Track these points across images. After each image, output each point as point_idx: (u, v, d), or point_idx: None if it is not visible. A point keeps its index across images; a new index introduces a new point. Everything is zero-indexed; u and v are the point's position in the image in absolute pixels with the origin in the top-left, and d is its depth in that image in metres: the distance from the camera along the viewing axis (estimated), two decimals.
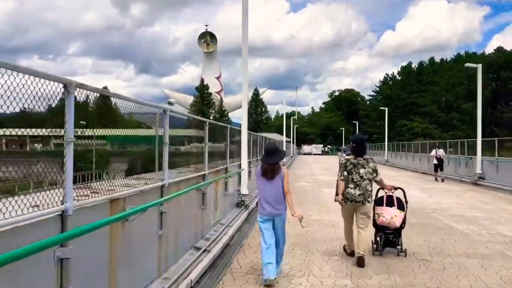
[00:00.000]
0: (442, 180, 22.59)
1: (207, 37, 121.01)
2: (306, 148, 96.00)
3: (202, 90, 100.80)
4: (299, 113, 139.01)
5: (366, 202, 6.53)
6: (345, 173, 6.58)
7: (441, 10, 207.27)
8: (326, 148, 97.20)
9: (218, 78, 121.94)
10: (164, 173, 5.35)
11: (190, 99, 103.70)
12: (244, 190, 10.94)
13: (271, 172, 5.76)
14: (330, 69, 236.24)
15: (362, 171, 6.51)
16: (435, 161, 23.43)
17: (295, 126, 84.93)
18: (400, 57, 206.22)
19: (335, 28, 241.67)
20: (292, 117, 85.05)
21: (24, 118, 3.26)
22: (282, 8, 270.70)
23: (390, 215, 6.73)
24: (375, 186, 6.93)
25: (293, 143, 71.28)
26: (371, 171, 6.57)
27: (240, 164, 11.15)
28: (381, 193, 7.16)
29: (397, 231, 6.87)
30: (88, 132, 4.55)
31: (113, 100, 4.45)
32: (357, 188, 6.48)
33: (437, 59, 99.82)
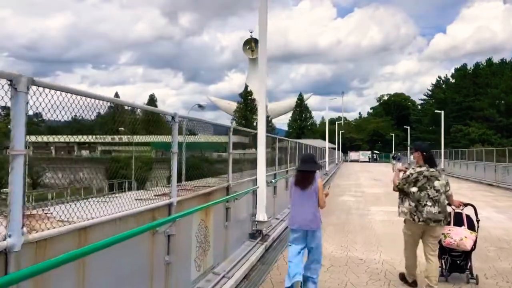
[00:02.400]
0: None
1: (252, 44, 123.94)
2: (353, 155, 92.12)
3: (246, 96, 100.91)
4: (345, 118, 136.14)
5: (444, 221, 5.66)
6: (413, 189, 5.62)
7: (496, 11, 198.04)
8: (374, 155, 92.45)
9: None
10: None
11: (234, 105, 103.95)
12: (261, 215, 8.10)
13: (303, 181, 5.57)
14: (378, 74, 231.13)
15: (437, 184, 5.64)
16: None
17: (340, 131, 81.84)
18: (451, 61, 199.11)
19: (383, 32, 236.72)
20: (337, 122, 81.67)
21: None
22: (329, 13, 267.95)
23: (459, 236, 5.90)
24: None
25: (338, 149, 67.87)
26: (445, 183, 5.73)
27: (256, 179, 8.27)
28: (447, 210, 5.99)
29: (466, 254, 6.05)
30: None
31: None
32: (436, 205, 5.56)
33: (495, 60, 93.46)
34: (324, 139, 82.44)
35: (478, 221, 6.26)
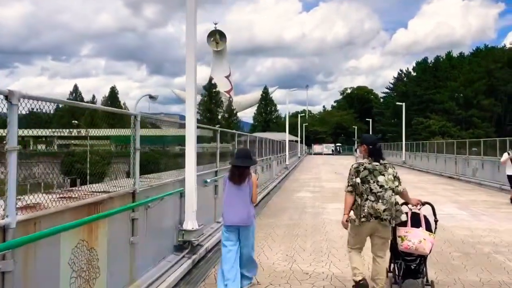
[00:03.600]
0: None
1: (216, 36, 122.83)
2: (316, 147, 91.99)
3: (210, 89, 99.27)
4: (310, 112, 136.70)
5: (394, 221, 5.16)
6: (357, 180, 5.19)
7: (455, 7, 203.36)
8: (338, 148, 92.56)
9: (227, 77, 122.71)
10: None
11: (199, 98, 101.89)
12: (189, 223, 6.74)
13: (239, 176, 5.48)
14: (342, 68, 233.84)
15: (381, 178, 5.17)
16: (510, 171, 14.53)
17: (304, 124, 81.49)
18: (413, 55, 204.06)
19: (347, 27, 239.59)
20: (299, 115, 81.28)
21: None
22: (294, 7, 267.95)
23: (418, 239, 5.30)
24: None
25: (301, 142, 67.27)
26: (392, 178, 5.23)
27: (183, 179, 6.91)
28: (404, 209, 5.51)
29: (421, 258, 5.47)
30: None
31: None
32: (380, 201, 5.07)
33: (455, 54, 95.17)
34: (289, 132, 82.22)
35: (436, 221, 5.69)
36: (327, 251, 7.74)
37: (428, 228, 5.46)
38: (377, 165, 5.22)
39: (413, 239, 5.25)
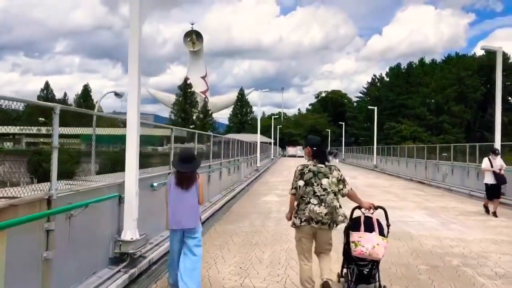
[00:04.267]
0: (495, 214, 12.52)
1: (193, 36, 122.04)
2: (291, 150, 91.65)
3: (185, 89, 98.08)
4: (285, 114, 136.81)
5: (334, 225, 5.03)
6: (300, 183, 5.04)
7: (428, 15, 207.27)
8: None
9: (204, 77, 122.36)
10: None
11: (173, 98, 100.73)
12: (129, 232, 5.98)
13: (188, 181, 5.23)
14: (318, 72, 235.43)
15: (324, 181, 5.01)
16: (489, 180, 12.85)
17: (278, 126, 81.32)
18: (387, 61, 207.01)
19: (323, 32, 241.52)
20: (273, 117, 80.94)
21: None
22: (272, 10, 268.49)
23: (372, 244, 5.12)
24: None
25: (275, 144, 66.85)
26: (335, 181, 5.08)
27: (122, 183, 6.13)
28: (356, 213, 5.51)
29: (374, 263, 5.31)
30: None
31: None
32: (322, 204, 4.91)
33: (427, 61, 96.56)
34: (263, 134, 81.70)
35: (388, 225, 5.56)
36: (285, 263, 7.08)
37: (381, 232, 5.33)
38: (322, 167, 5.10)
39: (367, 244, 5.14)
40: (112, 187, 5.93)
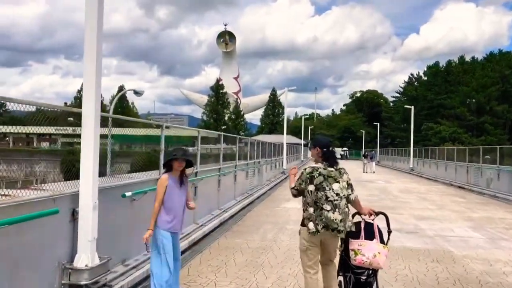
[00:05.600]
0: None
1: (226, 37, 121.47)
2: None
3: (217, 90, 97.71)
4: (318, 115, 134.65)
5: (346, 231, 4.70)
6: (310, 188, 4.67)
7: (468, 13, 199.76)
8: (345, 152, 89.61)
9: (236, 78, 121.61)
10: None
11: (206, 99, 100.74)
12: (84, 257, 4.63)
13: (182, 175, 5.02)
14: (353, 72, 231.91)
15: (336, 186, 4.68)
16: None
17: (310, 127, 79.51)
18: (424, 61, 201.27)
19: (359, 31, 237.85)
20: (303, 117, 79.18)
21: None
22: (306, 11, 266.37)
23: (373, 253, 4.76)
24: None
25: (306, 145, 64.99)
26: (346, 185, 4.77)
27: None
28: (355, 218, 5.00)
29: (372, 271, 4.92)
30: None
31: None
32: (336, 210, 4.59)
33: (467, 59, 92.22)
34: (295, 135, 79.90)
35: (389, 232, 5.20)
36: None
37: (382, 240, 4.98)
38: (332, 171, 4.76)
39: (367, 253, 4.81)
40: (63, 199, 4.59)
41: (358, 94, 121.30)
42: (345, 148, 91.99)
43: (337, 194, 4.65)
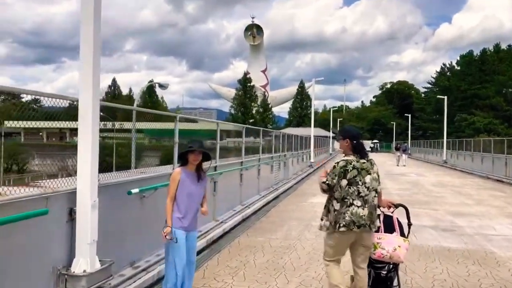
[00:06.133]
0: None
1: (253, 30, 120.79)
2: None
3: (245, 83, 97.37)
4: (347, 107, 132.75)
5: (373, 226, 4.50)
6: (343, 182, 4.41)
7: (504, 0, 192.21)
8: (375, 144, 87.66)
9: (264, 71, 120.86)
10: None
11: (234, 93, 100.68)
12: (82, 261, 4.13)
13: (199, 169, 4.61)
14: (383, 64, 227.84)
15: (367, 179, 4.48)
16: None
17: (339, 120, 78.28)
18: (457, 50, 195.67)
19: (389, 22, 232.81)
20: (331, 109, 77.79)
21: None
22: (335, 2, 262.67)
23: (393, 246, 4.67)
24: None
25: (334, 138, 63.92)
26: (376, 177, 4.59)
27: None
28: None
29: (393, 264, 4.88)
30: None
31: None
32: (366, 205, 4.41)
33: (503, 47, 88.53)
34: (324, 128, 78.75)
35: (410, 225, 5.15)
36: None
37: (402, 233, 4.91)
38: (364, 163, 4.56)
39: (387, 246, 4.71)
40: (57, 198, 4.14)
41: (388, 86, 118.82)
42: (375, 141, 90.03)
43: (368, 188, 4.46)
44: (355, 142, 4.60)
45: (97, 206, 4.36)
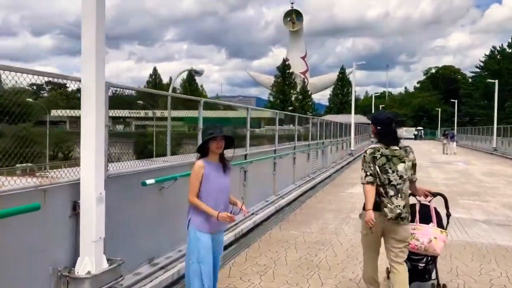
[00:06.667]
0: None
1: (293, 15, 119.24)
2: None
3: (283, 70, 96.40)
4: (390, 93, 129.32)
5: (408, 219, 4.24)
6: (377, 169, 4.17)
7: None
8: (419, 132, 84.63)
9: (303, 58, 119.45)
10: None
11: (273, 80, 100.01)
12: (88, 260, 3.70)
13: (222, 158, 3.98)
14: (427, 48, 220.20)
15: (400, 167, 4.19)
16: None
17: (381, 106, 76.16)
18: (508, 33, 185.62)
19: (435, 4, 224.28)
20: (373, 95, 75.72)
21: None
22: None
23: (428, 237, 4.44)
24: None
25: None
26: (411, 166, 4.27)
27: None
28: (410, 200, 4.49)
29: (431, 257, 4.65)
30: None
31: None
32: (399, 195, 4.14)
33: None
34: (365, 114, 76.72)
35: (448, 215, 4.88)
36: None
37: (440, 224, 4.72)
38: (396, 150, 4.25)
39: (422, 237, 4.49)
40: (58, 190, 3.69)
41: (433, 71, 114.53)
42: (419, 128, 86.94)
43: (401, 177, 4.17)
44: (379, 128, 4.31)
45: (104, 199, 3.89)
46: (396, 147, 4.23)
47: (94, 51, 3.76)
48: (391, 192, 4.13)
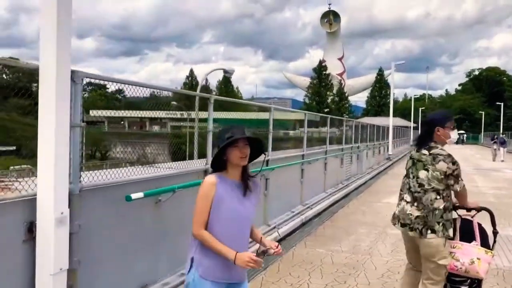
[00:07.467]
0: None
1: (330, 17, 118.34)
2: None
3: (320, 72, 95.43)
4: (430, 96, 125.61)
5: (427, 232, 3.75)
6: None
7: None
8: (461, 136, 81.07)
9: (340, 59, 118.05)
10: None
11: (309, 81, 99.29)
12: None
13: (245, 175, 2.76)
14: (470, 49, 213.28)
15: (422, 174, 3.81)
16: None
17: (420, 109, 73.56)
18: None
19: (479, 4, 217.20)
20: (413, 97, 73.25)
21: None
22: None
23: (470, 258, 3.90)
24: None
25: (416, 128, 59.89)
26: (439, 176, 3.72)
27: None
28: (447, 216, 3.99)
29: (475, 280, 4.03)
30: None
31: None
32: (416, 203, 3.81)
33: None
34: (404, 117, 74.38)
35: (495, 233, 4.10)
36: None
37: (485, 243, 3.99)
38: (424, 155, 3.82)
39: (463, 258, 3.88)
40: (8, 207, 2.89)
41: (477, 72, 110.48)
42: (461, 131, 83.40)
43: (420, 185, 3.80)
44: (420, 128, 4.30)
45: (67, 221, 3.05)
46: (425, 152, 3.84)
47: (55, 27, 2.92)
48: (408, 198, 3.88)
